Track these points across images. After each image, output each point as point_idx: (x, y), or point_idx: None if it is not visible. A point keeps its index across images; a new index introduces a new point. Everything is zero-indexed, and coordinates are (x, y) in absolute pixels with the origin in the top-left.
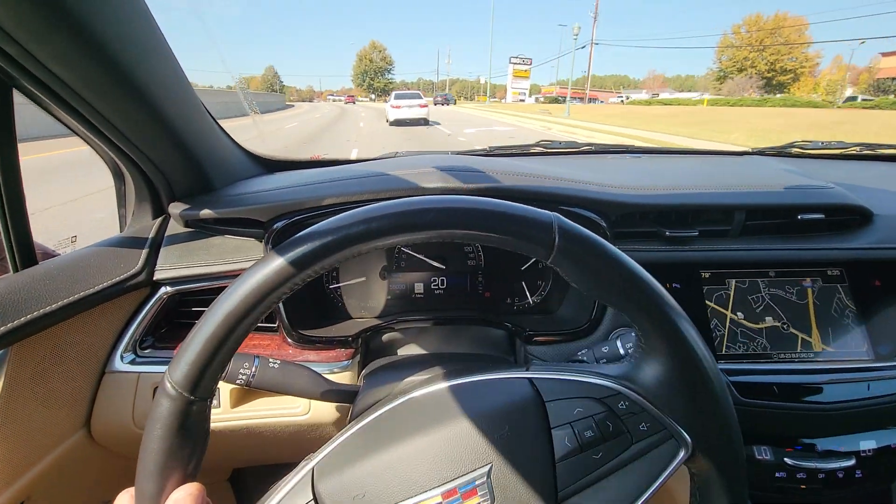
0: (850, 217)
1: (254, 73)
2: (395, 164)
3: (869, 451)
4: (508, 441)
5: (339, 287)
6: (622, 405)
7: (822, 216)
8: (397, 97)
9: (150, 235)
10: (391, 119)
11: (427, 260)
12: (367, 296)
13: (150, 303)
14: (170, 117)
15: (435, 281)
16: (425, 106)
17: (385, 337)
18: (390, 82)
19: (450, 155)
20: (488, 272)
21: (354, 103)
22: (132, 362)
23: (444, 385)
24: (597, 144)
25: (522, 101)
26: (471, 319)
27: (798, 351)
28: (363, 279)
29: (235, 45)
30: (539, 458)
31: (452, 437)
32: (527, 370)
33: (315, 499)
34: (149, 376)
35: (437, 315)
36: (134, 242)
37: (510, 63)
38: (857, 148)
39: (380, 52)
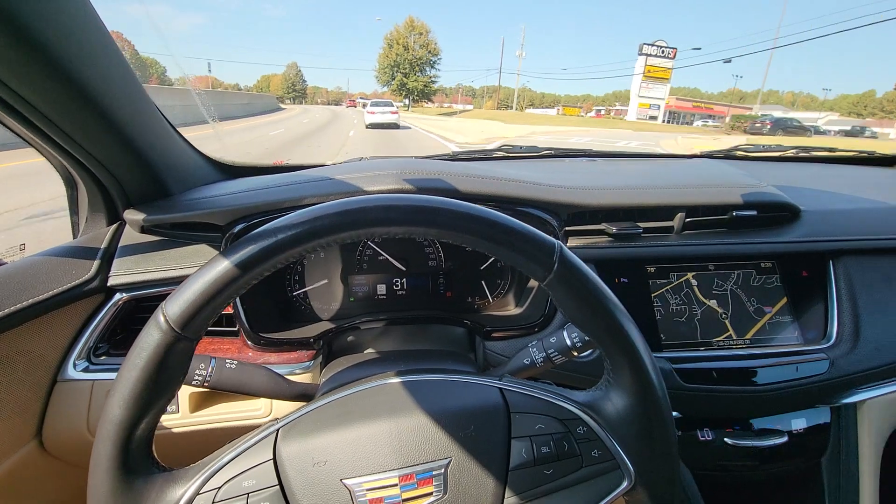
0: (781, 213)
1: (275, 71)
2: (355, 168)
3: (800, 429)
4: (471, 441)
5: (301, 290)
6: (581, 430)
7: (755, 213)
8: (373, 105)
9: (105, 241)
10: (367, 122)
11: (391, 259)
12: (330, 298)
13: (105, 309)
14: (121, 121)
15: (397, 282)
16: (396, 112)
17: (348, 337)
18: (433, 82)
19: (413, 159)
20: (449, 272)
21: (356, 107)
22: (85, 370)
23: (419, 378)
24: (556, 148)
25: (654, 118)
26: (432, 318)
27: (734, 337)
28: (325, 281)
29: (260, 40)
30: (495, 462)
31: (419, 426)
32: (500, 380)
33: (275, 458)
34: (103, 384)
35: (399, 315)
36: (87, 249)
37: (641, 54)
38: (794, 151)
39: (420, 34)
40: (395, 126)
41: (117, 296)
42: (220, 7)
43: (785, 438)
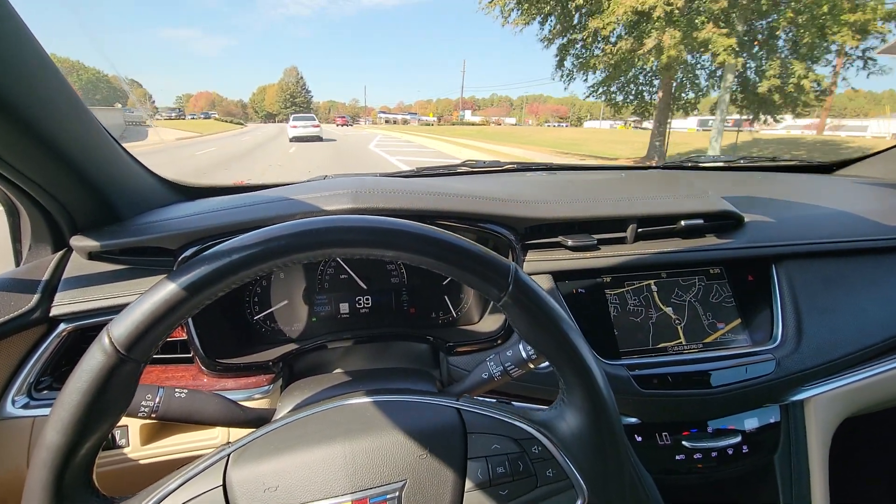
0: (726, 221)
1: (270, 81)
2: (315, 188)
3: (752, 428)
4: (427, 462)
5: (261, 313)
6: (536, 449)
7: (702, 221)
8: (295, 119)
9: (49, 269)
10: (290, 136)
11: (354, 276)
12: (292, 319)
13: (48, 341)
14: (64, 143)
15: (360, 300)
16: (318, 126)
17: (310, 358)
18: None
19: (377, 177)
20: (412, 289)
21: (349, 125)
22: (25, 406)
23: (376, 399)
24: (518, 163)
25: None
26: (395, 335)
27: (687, 343)
28: (286, 302)
29: (287, 59)
30: (451, 484)
31: (374, 448)
32: (457, 400)
33: (224, 485)
34: (45, 420)
35: (363, 333)
36: (29, 277)
37: None
38: (742, 160)
39: None
40: (318, 139)
41: (61, 326)
42: (248, 29)
43: (739, 438)
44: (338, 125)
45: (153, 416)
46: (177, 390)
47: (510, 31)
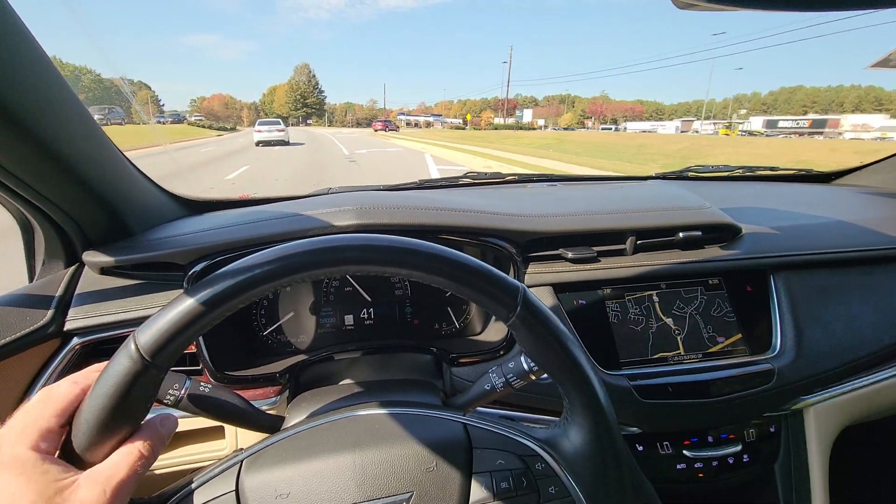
0: (724, 232)
1: (279, 81)
2: (321, 202)
3: (753, 437)
4: (433, 476)
5: (269, 326)
6: (539, 466)
7: (700, 233)
8: (260, 123)
9: (62, 284)
10: (255, 140)
11: (358, 289)
12: (297, 331)
13: (62, 355)
14: (76, 161)
15: (364, 312)
16: (283, 130)
17: (316, 370)
18: None
19: (380, 191)
20: (416, 301)
21: (385, 129)
22: None
23: (384, 411)
24: (519, 174)
25: None
26: (400, 347)
27: (686, 353)
28: (291, 314)
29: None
30: (456, 497)
31: (383, 460)
32: (464, 415)
33: (237, 490)
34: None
35: (367, 345)
36: (43, 292)
37: None
38: (741, 170)
39: None
40: (283, 143)
41: (74, 340)
42: (269, 34)
43: (739, 447)
44: (376, 130)
45: (178, 404)
46: (202, 383)
47: (526, 30)
